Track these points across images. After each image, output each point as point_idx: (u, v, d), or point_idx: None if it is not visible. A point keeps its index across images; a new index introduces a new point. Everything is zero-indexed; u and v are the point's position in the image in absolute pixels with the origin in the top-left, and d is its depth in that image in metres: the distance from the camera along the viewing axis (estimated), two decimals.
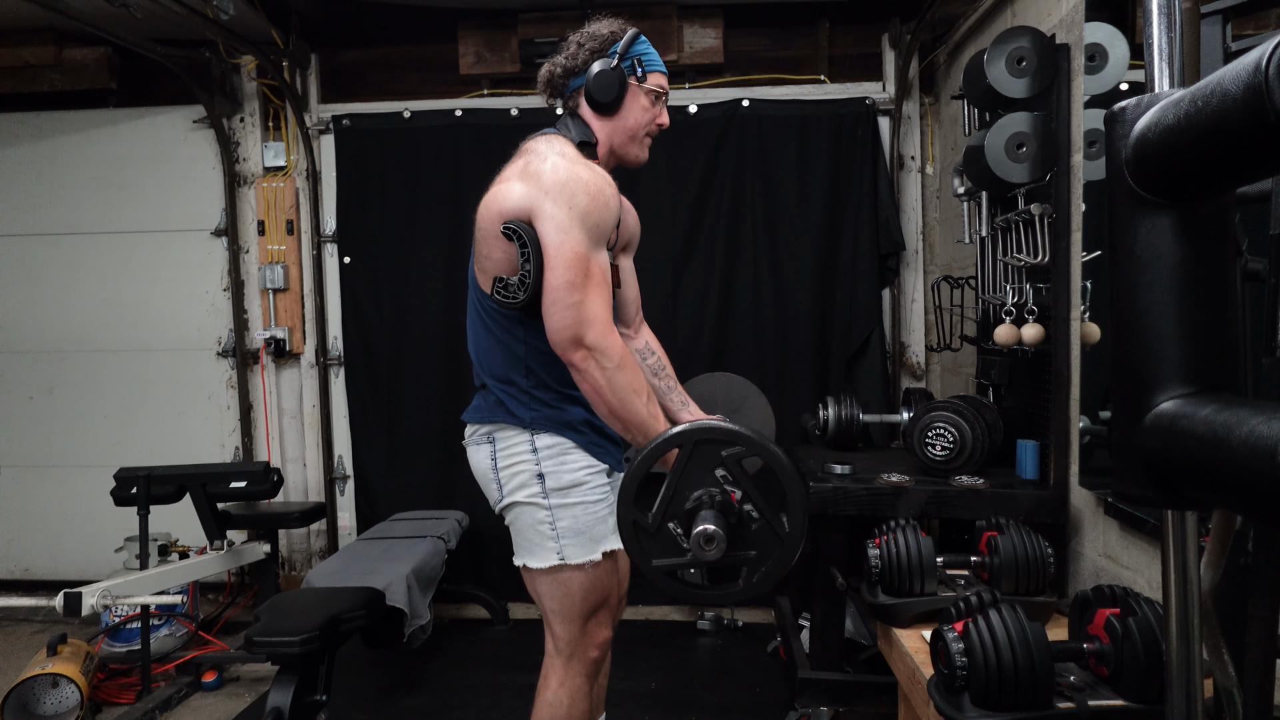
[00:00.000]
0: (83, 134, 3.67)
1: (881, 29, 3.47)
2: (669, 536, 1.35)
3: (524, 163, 1.56)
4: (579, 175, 1.49)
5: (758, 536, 1.35)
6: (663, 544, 1.36)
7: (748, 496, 1.34)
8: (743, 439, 1.34)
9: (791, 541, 1.33)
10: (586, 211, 1.48)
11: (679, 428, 1.36)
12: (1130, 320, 0.76)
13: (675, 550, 1.35)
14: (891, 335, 3.52)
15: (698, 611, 3.38)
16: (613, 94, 1.63)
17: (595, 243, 1.50)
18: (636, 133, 1.68)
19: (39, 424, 3.76)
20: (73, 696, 2.55)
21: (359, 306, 3.62)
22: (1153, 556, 1.83)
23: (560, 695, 1.65)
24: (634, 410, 1.49)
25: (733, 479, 1.35)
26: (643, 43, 1.67)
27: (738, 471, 1.35)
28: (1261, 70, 0.57)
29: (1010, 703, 1.40)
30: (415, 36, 3.63)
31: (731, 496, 1.36)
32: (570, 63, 1.66)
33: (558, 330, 1.46)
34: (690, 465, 1.34)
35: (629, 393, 1.48)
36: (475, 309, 1.67)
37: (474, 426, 1.69)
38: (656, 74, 1.68)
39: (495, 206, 1.53)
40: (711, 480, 1.35)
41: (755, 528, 1.35)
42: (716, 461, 1.34)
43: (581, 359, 1.46)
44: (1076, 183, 2.15)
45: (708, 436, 1.34)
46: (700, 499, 1.34)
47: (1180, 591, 0.87)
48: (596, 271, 1.48)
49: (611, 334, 1.48)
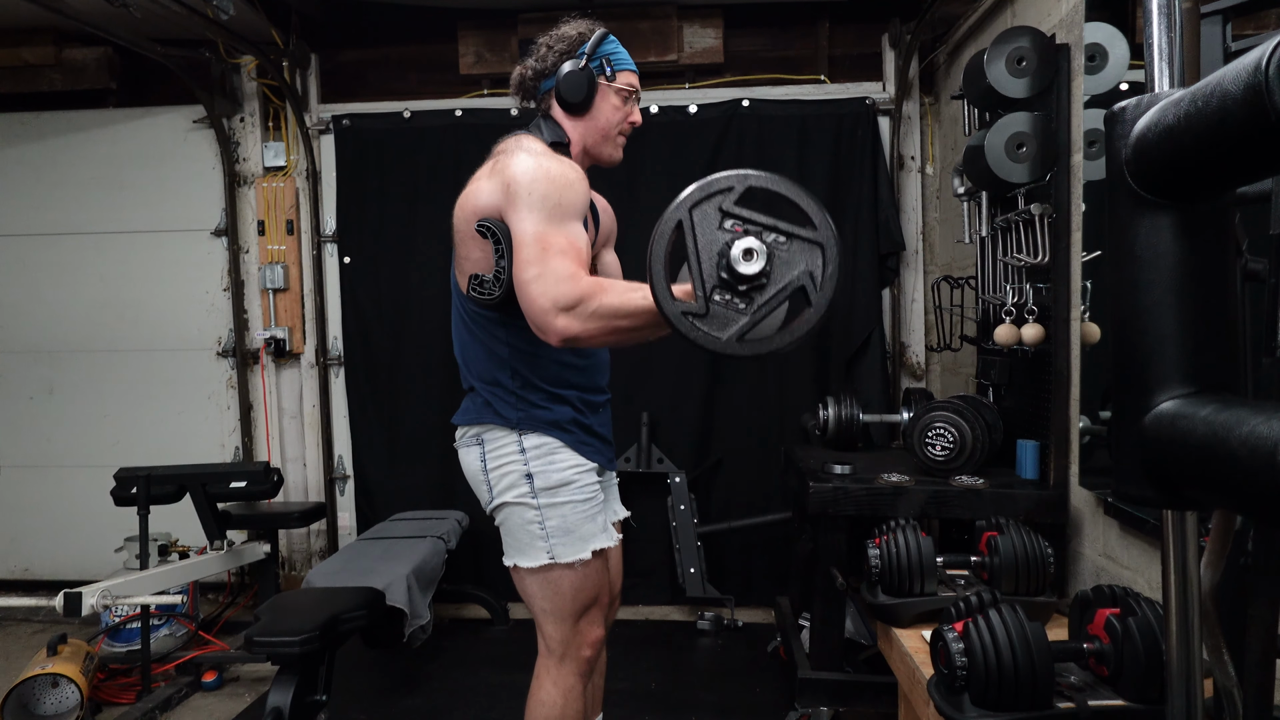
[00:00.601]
0: (83, 134, 3.67)
1: (881, 29, 3.47)
2: (721, 309, 1.28)
3: (494, 162, 1.57)
4: (543, 165, 1.49)
5: (797, 254, 1.27)
6: (720, 319, 1.28)
7: (765, 227, 1.27)
8: (728, 179, 1.27)
9: (827, 239, 1.26)
10: (545, 194, 1.47)
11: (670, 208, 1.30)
12: (1130, 320, 0.76)
13: (736, 315, 1.27)
14: (891, 335, 3.52)
15: (698, 611, 3.38)
16: (582, 94, 1.63)
17: (558, 220, 1.47)
18: (609, 132, 1.68)
19: (39, 424, 3.76)
20: (73, 696, 2.55)
21: (359, 306, 3.62)
22: (1153, 556, 1.83)
23: (553, 695, 1.66)
24: (643, 308, 1.39)
25: (744, 220, 1.27)
26: (611, 42, 1.67)
27: (743, 213, 1.28)
28: (1261, 70, 0.57)
29: (1010, 703, 1.40)
30: (415, 36, 3.63)
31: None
32: (540, 65, 1.66)
33: (533, 307, 1.42)
34: (699, 231, 1.27)
35: (623, 304, 1.41)
36: (458, 313, 1.68)
37: (463, 429, 1.70)
38: (626, 73, 1.68)
39: (469, 206, 1.55)
40: (727, 232, 1.28)
41: (790, 248, 1.27)
42: (719, 215, 1.28)
43: (566, 324, 1.40)
44: (1076, 183, 2.15)
45: (698, 197, 1.28)
46: (725, 248, 1.27)
47: (1180, 591, 0.87)
48: (555, 243, 1.44)
49: (575, 281, 1.41)
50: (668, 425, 3.50)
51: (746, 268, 1.24)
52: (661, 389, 3.48)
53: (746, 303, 1.27)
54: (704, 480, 3.53)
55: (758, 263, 1.24)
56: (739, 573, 3.48)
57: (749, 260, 1.24)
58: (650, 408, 3.46)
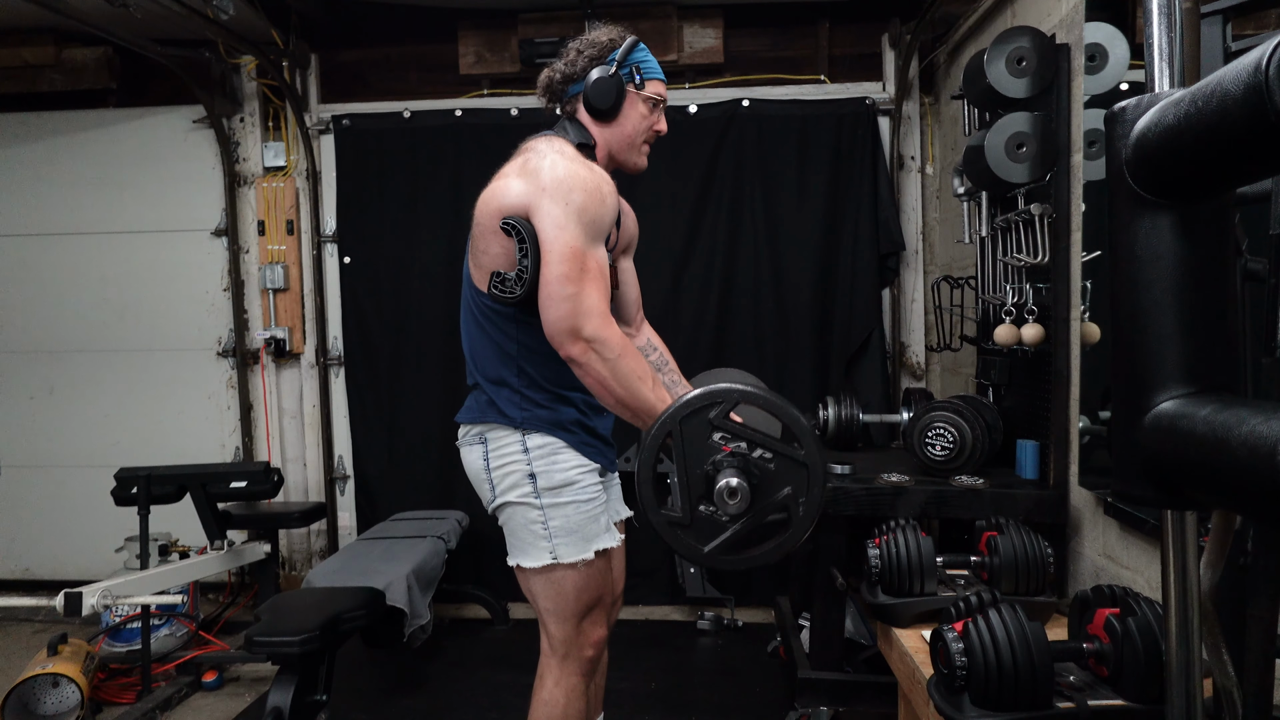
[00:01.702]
0: (83, 134, 3.67)
1: (881, 29, 3.47)
2: (705, 520, 1.35)
3: (523, 160, 1.57)
4: (577, 173, 1.50)
5: (782, 474, 1.34)
6: (703, 530, 1.35)
7: (752, 443, 1.33)
8: (717, 395, 1.34)
9: (813, 462, 1.32)
10: (583, 207, 1.48)
11: (659, 417, 1.37)
12: (1130, 320, 0.76)
13: (718, 528, 1.34)
14: (891, 335, 3.52)
15: (698, 611, 3.38)
16: (610, 101, 1.64)
17: (592, 238, 1.50)
18: (634, 139, 1.69)
19: (39, 424, 3.76)
20: (73, 696, 2.55)
21: (359, 306, 3.62)
22: (1152, 556, 1.83)
23: (556, 695, 1.65)
24: (641, 396, 1.47)
25: (731, 434, 1.34)
26: (641, 50, 1.68)
27: (732, 426, 1.34)
28: (1261, 70, 0.57)
29: (1010, 703, 1.40)
30: (415, 36, 3.63)
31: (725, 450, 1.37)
32: (570, 69, 1.66)
33: (554, 324, 1.45)
34: (687, 444, 1.34)
35: (634, 380, 1.47)
36: (469, 307, 1.67)
37: (466, 427, 1.70)
38: (655, 81, 1.69)
39: (494, 202, 1.54)
40: (714, 447, 1.35)
41: (775, 467, 1.34)
42: (708, 428, 1.34)
43: (580, 352, 1.45)
44: (1076, 183, 2.15)
45: (687, 410, 1.34)
46: (711, 468, 1.34)
47: (1180, 591, 0.87)
48: (593, 266, 1.48)
49: (610, 325, 1.47)
50: None
51: (729, 506, 1.32)
52: None
53: (729, 517, 1.34)
54: None
55: (740, 502, 1.31)
56: (739, 573, 3.48)
57: (732, 499, 1.31)
58: None
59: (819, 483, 1.34)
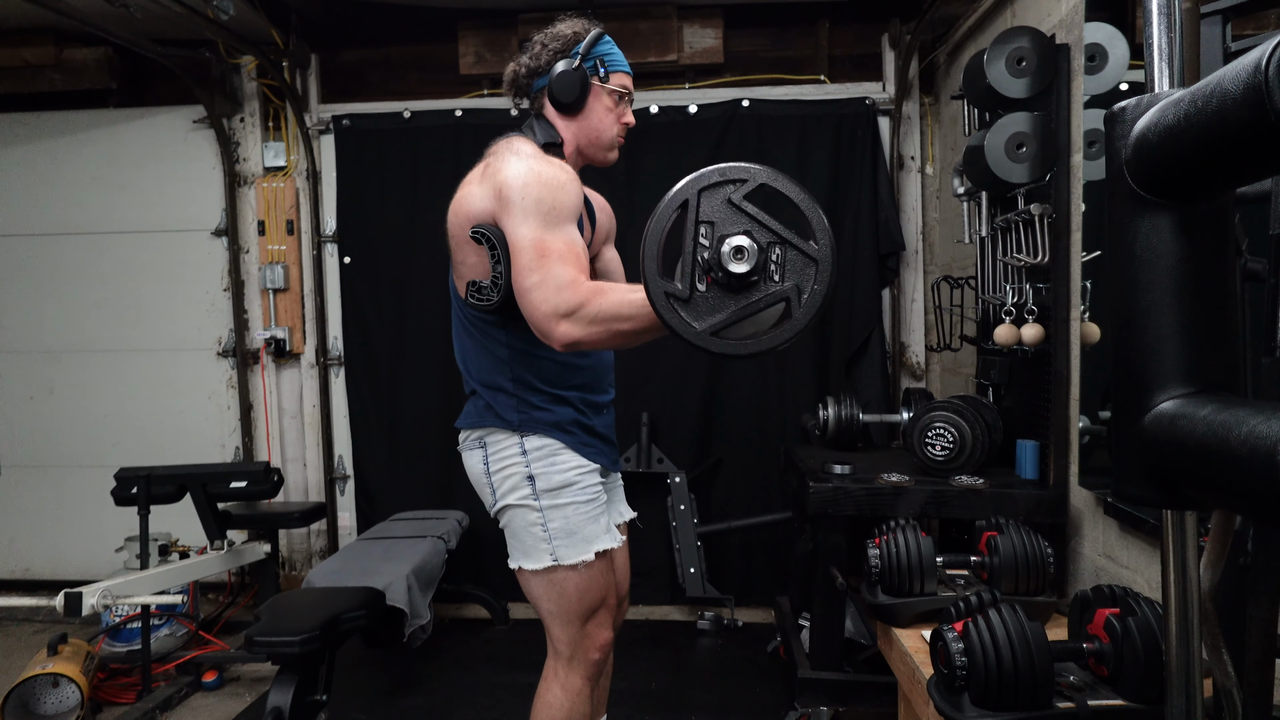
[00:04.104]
0: (83, 134, 3.67)
1: (881, 29, 3.47)
2: (704, 298, 1.25)
3: (484, 165, 1.56)
4: (532, 168, 1.49)
5: (792, 266, 1.25)
6: (701, 308, 1.25)
7: (768, 228, 1.24)
8: (744, 171, 1.25)
9: (824, 260, 1.24)
10: (539, 199, 1.46)
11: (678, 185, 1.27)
12: (1130, 320, 0.76)
13: (717, 308, 1.25)
14: (891, 335, 3.52)
15: (698, 611, 3.38)
16: (575, 94, 1.63)
17: (551, 224, 1.46)
18: (601, 133, 1.68)
19: (39, 424, 3.76)
20: (73, 696, 2.55)
21: (359, 306, 3.62)
22: (1152, 556, 1.83)
23: (560, 697, 1.65)
24: (637, 307, 1.37)
25: (750, 216, 1.25)
26: (606, 43, 1.66)
27: (750, 209, 1.25)
28: (1261, 70, 0.57)
29: (1010, 703, 1.40)
30: (415, 36, 3.63)
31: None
32: (534, 63, 1.66)
33: (534, 314, 1.42)
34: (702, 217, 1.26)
35: (622, 306, 1.39)
36: (457, 317, 1.68)
37: (466, 432, 1.70)
38: (620, 74, 1.68)
39: (462, 212, 1.54)
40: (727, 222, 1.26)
41: (786, 258, 1.25)
42: (726, 206, 1.26)
43: (567, 330, 1.39)
44: (1076, 183, 2.15)
45: (706, 182, 1.26)
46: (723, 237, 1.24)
47: (1180, 591, 0.87)
48: (553, 248, 1.44)
49: (576, 286, 1.41)
50: (668, 425, 3.50)
51: (733, 266, 1.22)
52: (662, 389, 3.48)
53: (731, 299, 1.25)
54: (704, 480, 3.53)
55: (745, 263, 1.22)
56: (739, 573, 3.48)
57: (738, 259, 1.22)
58: (650, 408, 3.46)
59: (825, 280, 1.25)
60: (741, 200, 1.26)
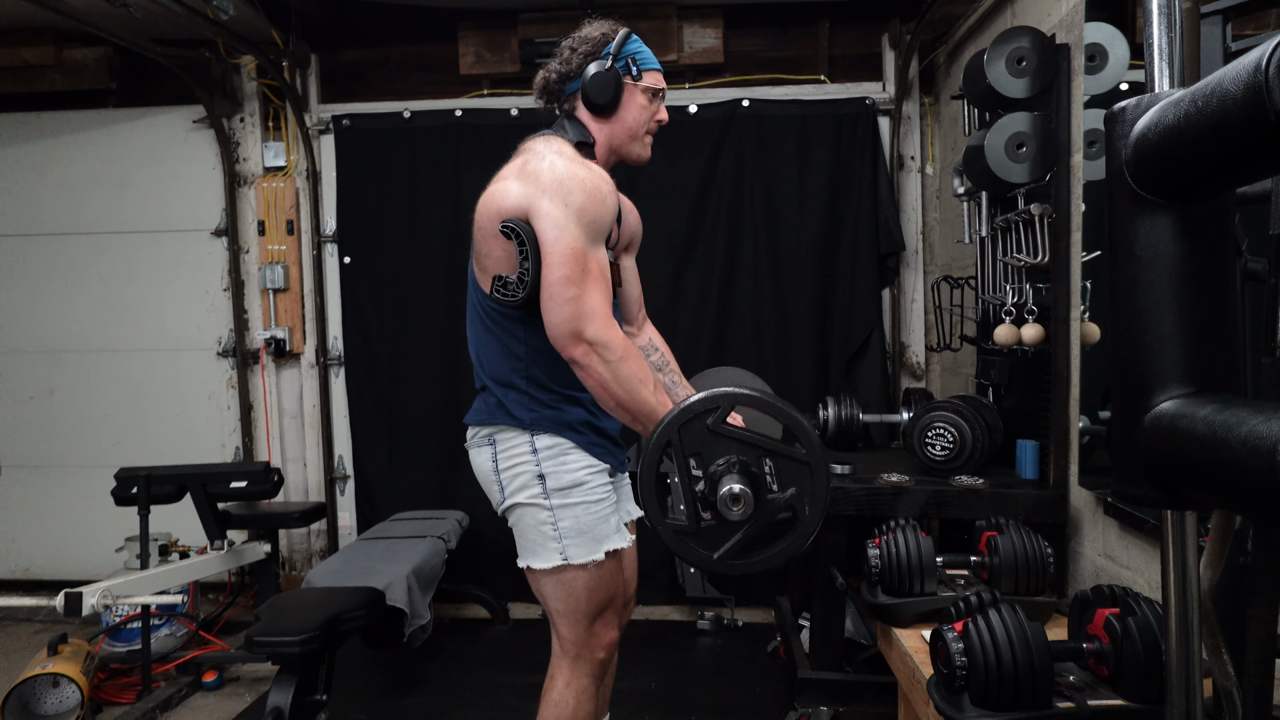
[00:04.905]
0: (83, 134, 3.67)
1: (881, 29, 3.47)
2: (711, 526, 1.34)
3: (522, 161, 1.56)
4: (576, 173, 1.50)
5: (786, 475, 1.32)
6: (710, 537, 1.34)
7: (752, 446, 1.32)
8: (713, 400, 1.32)
9: (815, 460, 1.31)
10: (583, 208, 1.48)
11: (658, 425, 1.36)
12: (1130, 320, 0.76)
13: (726, 534, 1.33)
14: (891, 335, 3.52)
15: (698, 611, 3.38)
16: (609, 94, 1.64)
17: (592, 239, 1.50)
18: (636, 131, 1.69)
19: (39, 424, 3.76)
20: (73, 696, 2.55)
21: (359, 306, 3.62)
22: (1152, 556, 1.83)
23: (566, 696, 1.65)
24: (642, 400, 1.47)
25: (732, 438, 1.33)
26: (635, 42, 1.68)
27: (730, 431, 1.33)
28: (1261, 70, 0.57)
29: (1010, 702, 1.40)
30: (415, 36, 3.63)
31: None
32: (565, 68, 1.66)
33: (557, 326, 1.46)
34: (688, 450, 1.32)
35: (635, 383, 1.46)
36: (475, 310, 1.67)
37: (475, 429, 1.69)
38: (652, 72, 1.69)
39: (493, 205, 1.54)
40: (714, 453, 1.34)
41: (778, 468, 1.33)
42: (707, 434, 1.33)
43: (583, 354, 1.45)
44: (1076, 183, 2.15)
45: (685, 417, 1.33)
46: (715, 472, 1.32)
47: (1180, 591, 0.87)
48: (594, 267, 1.48)
49: (612, 327, 1.47)
50: None
51: (732, 514, 1.29)
52: None
53: (735, 522, 1.32)
54: None
55: (744, 508, 1.29)
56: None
57: (735, 505, 1.30)
58: None
59: (823, 480, 1.32)
60: (720, 425, 1.33)
